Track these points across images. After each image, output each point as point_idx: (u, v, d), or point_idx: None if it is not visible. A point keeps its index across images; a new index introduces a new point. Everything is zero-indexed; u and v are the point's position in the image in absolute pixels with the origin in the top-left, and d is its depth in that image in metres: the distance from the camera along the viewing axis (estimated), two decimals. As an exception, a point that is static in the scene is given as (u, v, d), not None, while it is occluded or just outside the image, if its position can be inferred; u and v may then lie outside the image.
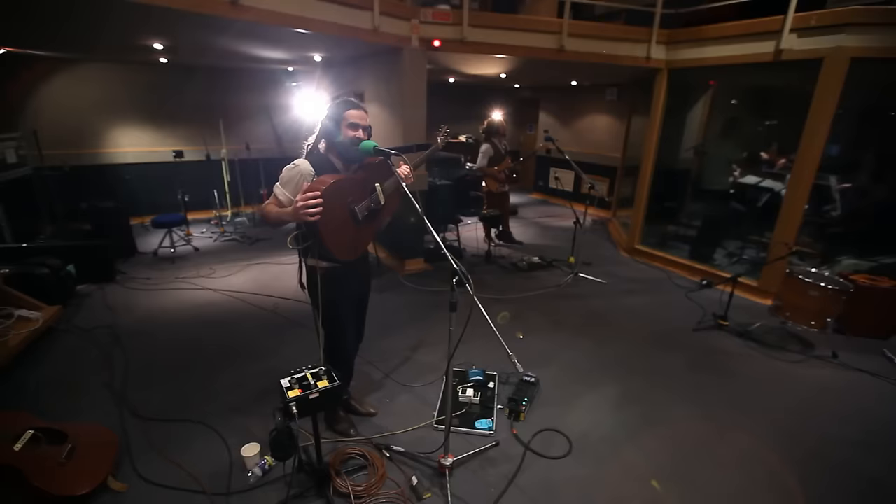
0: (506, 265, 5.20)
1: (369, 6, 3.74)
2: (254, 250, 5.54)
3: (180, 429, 2.48)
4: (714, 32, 4.48)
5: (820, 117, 3.82)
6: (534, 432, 2.51)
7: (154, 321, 3.72)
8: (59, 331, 3.47)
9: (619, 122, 7.49)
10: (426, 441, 2.44)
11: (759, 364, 3.26)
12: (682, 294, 4.49)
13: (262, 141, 7.33)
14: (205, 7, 2.81)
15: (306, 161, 1.95)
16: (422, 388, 2.89)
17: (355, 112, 1.97)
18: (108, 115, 6.29)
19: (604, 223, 7.39)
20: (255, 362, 3.13)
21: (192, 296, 4.21)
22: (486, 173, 5.47)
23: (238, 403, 2.70)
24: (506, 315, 3.80)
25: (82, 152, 6.21)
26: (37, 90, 5.79)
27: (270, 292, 4.26)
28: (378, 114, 5.03)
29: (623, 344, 3.50)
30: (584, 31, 4.62)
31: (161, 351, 3.27)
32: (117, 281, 4.48)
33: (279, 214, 1.88)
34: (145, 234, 5.96)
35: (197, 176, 6.54)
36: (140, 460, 2.23)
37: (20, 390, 2.79)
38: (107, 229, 5.04)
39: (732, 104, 6.11)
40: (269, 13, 3.14)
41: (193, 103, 6.66)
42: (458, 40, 4.26)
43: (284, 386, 1.80)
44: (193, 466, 2.20)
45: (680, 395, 2.87)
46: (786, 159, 5.49)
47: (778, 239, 4.12)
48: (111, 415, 2.58)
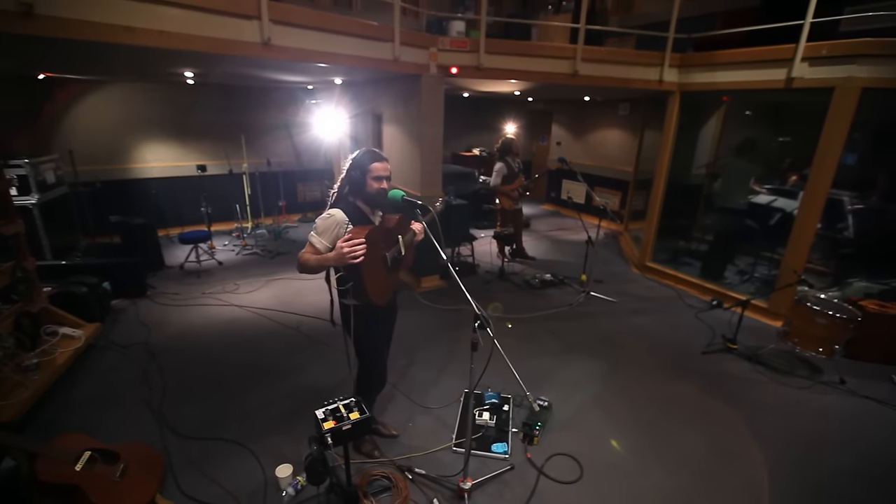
0: (519, 282, 5.33)
1: (390, 38, 3.91)
2: (275, 265, 5.74)
3: (216, 447, 2.67)
4: (726, 58, 4.57)
5: (831, 143, 3.88)
6: (547, 456, 2.65)
7: (184, 338, 3.92)
8: (98, 347, 3.69)
9: (632, 137, 7.58)
10: (445, 463, 2.59)
11: (766, 389, 3.35)
12: (692, 314, 4.58)
13: (282, 155, 7.56)
14: (239, 50, 3.00)
15: (339, 210, 2.10)
16: (440, 411, 3.04)
17: (379, 165, 2.12)
18: (135, 132, 6.55)
19: (615, 236, 7.47)
20: (283, 382, 3.31)
21: (218, 312, 4.41)
22: (500, 192, 5.60)
23: (269, 423, 2.88)
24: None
25: (111, 168, 6.48)
26: (70, 110, 6.06)
27: (293, 309, 4.44)
28: (395, 135, 5.20)
29: (633, 367, 3.62)
30: (597, 56, 4.74)
31: (193, 368, 3.47)
32: (148, 296, 4.71)
33: (319, 260, 2.02)
34: (171, 247, 6.20)
35: (219, 189, 6.79)
36: (182, 477, 2.42)
37: (67, 407, 3.00)
38: (137, 244, 5.28)
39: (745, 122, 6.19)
40: (299, 51, 3.33)
41: (216, 120, 6.90)
42: (475, 66, 4.41)
43: (319, 417, 1.97)
44: (231, 484, 2.38)
45: (688, 422, 2.98)
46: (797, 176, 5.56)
47: (789, 261, 4.19)
48: (152, 432, 2.78)
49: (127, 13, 2.50)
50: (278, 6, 3.12)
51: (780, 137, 6.09)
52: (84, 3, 2.36)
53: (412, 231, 2.32)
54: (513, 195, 5.64)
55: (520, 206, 5.85)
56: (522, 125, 9.66)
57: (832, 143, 3.88)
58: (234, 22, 2.93)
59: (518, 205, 5.79)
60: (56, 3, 2.26)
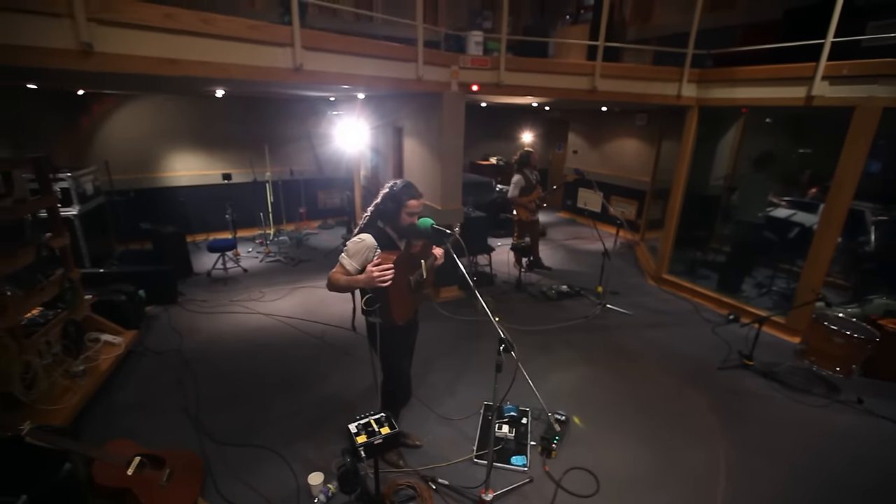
0: (535, 293, 5.41)
1: (413, 58, 4.04)
2: (297, 272, 5.93)
3: (250, 453, 2.82)
4: (745, 74, 4.60)
5: (851, 161, 3.89)
6: (564, 470, 2.74)
7: (215, 345, 4.11)
8: (136, 353, 3.89)
9: (649, 147, 7.60)
10: (466, 474, 2.70)
11: (782, 407, 3.39)
12: (709, 328, 4.61)
13: (304, 164, 7.77)
14: (273, 76, 3.16)
15: (369, 235, 2.24)
16: (461, 422, 3.16)
17: (415, 203, 2.26)
18: (165, 142, 6.81)
19: (631, 246, 7.50)
20: (309, 390, 3.46)
21: (245, 320, 4.60)
22: (517, 203, 5.70)
23: (297, 431, 3.03)
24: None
25: (142, 177, 6.75)
26: (105, 122, 6.34)
27: (317, 318, 4.61)
28: (416, 148, 5.34)
29: (649, 381, 3.69)
30: (615, 72, 4.80)
31: (223, 376, 3.64)
32: (179, 303, 4.92)
33: (349, 281, 2.16)
34: (197, 253, 6.43)
35: (243, 197, 7.03)
36: (221, 482, 2.58)
37: (110, 412, 3.20)
38: (168, 252, 5.52)
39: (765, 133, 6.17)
40: (328, 74, 3.49)
41: (241, 130, 7.14)
42: (495, 84, 4.52)
43: (353, 431, 2.10)
44: (266, 489, 2.54)
45: (703, 438, 3.04)
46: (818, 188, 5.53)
47: (807, 278, 4.21)
48: (190, 437, 2.95)
49: (171, 46, 2.67)
50: (309, 33, 3.27)
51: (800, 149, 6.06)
52: (134, 40, 2.53)
53: (433, 255, 2.48)
54: (530, 206, 5.73)
55: (536, 216, 5.94)
56: (539, 133, 9.73)
57: (853, 160, 3.89)
58: (268, 50, 3.09)
59: (535, 216, 5.88)
60: (110, 41, 2.44)
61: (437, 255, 2.47)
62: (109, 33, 2.41)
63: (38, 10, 2.19)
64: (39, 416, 2.82)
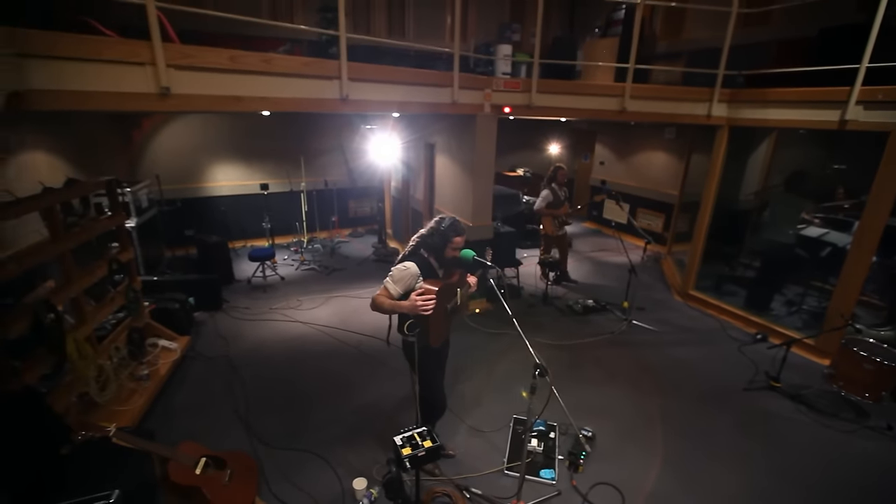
0: (561, 307, 5.54)
1: (449, 83, 4.24)
2: (332, 281, 6.21)
3: (296, 457, 3.07)
4: (777, 96, 4.62)
5: (886, 184, 3.88)
6: (591, 484, 2.88)
7: (259, 352, 4.39)
8: (189, 358, 4.21)
9: (677, 160, 7.60)
10: (497, 485, 2.88)
11: (809, 431, 3.43)
12: (735, 347, 4.65)
13: (337, 175, 8.08)
14: (322, 106, 3.42)
15: (413, 263, 2.44)
16: (491, 434, 3.33)
17: (460, 239, 2.47)
18: (209, 154, 7.21)
19: (657, 259, 7.51)
20: (349, 399, 3.70)
21: (285, 327, 4.88)
22: (543, 214, 5.82)
23: (339, 437, 3.26)
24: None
25: (187, 187, 7.15)
26: (154, 137, 6.77)
27: (352, 328, 4.85)
28: (448, 165, 5.54)
29: (674, 399, 3.78)
30: (645, 93, 4.90)
31: (269, 382, 3.91)
32: (223, 309, 5.25)
33: (393, 306, 2.37)
34: (236, 259, 6.79)
35: (279, 205, 7.39)
36: (273, 483, 2.82)
37: (169, 413, 3.50)
38: (212, 260, 5.88)
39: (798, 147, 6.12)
40: (371, 102, 3.73)
41: (280, 143, 7.49)
42: (526, 105, 4.68)
43: (398, 443, 2.30)
44: (314, 492, 2.77)
45: (727, 459, 3.13)
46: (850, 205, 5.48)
47: (838, 300, 4.21)
48: (242, 439, 3.21)
49: (236, 85, 2.94)
50: (353, 65, 3.49)
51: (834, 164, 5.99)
52: (204, 81, 2.81)
53: (468, 284, 2.67)
54: (559, 213, 5.83)
55: (564, 231, 6.05)
56: (566, 144, 9.80)
57: (888, 183, 3.88)
58: (319, 83, 3.34)
59: (561, 230, 5.99)
60: (184, 83, 2.71)
61: (472, 284, 2.68)
62: (184, 77, 2.69)
63: (124, 61, 2.48)
64: (111, 416, 3.13)
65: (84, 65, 2.33)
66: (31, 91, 2.17)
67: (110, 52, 2.39)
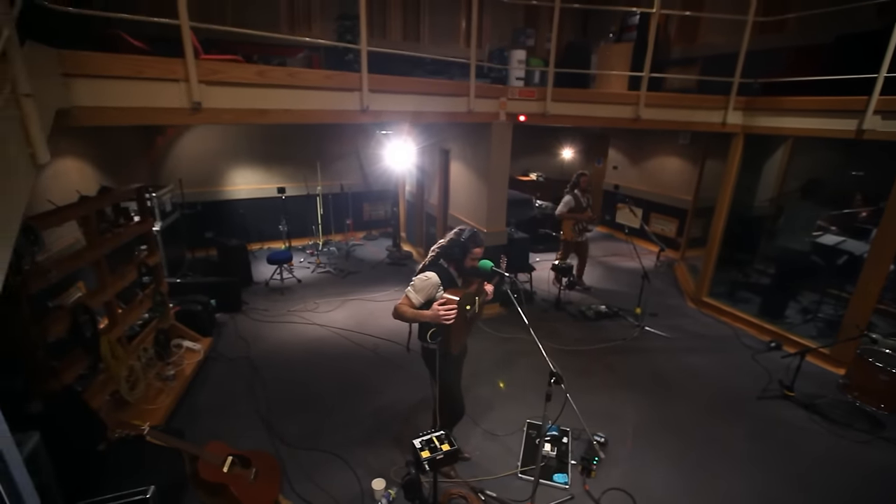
0: (574, 312, 5.58)
1: (466, 93, 4.32)
2: (347, 284, 6.33)
3: (317, 457, 3.17)
4: (793, 104, 4.61)
5: (902, 197, 3.88)
6: (603, 490, 2.94)
7: (278, 353, 4.52)
8: (211, 359, 4.35)
9: (691, 166, 7.58)
10: (511, 488, 2.95)
11: (822, 441, 3.44)
12: (749, 355, 4.65)
13: (352, 178, 8.22)
14: (344, 118, 3.53)
15: (434, 273, 2.53)
16: (505, 438, 3.40)
17: (479, 250, 2.56)
18: (228, 159, 7.39)
19: (670, 265, 7.50)
20: (366, 401, 3.80)
21: (303, 330, 5.01)
22: (565, 217, 5.86)
23: (357, 438, 3.36)
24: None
25: (206, 190, 7.34)
26: (176, 142, 6.96)
27: (369, 331, 4.96)
28: (462, 171, 5.62)
29: (686, 407, 3.81)
30: (659, 102, 4.92)
31: (288, 383, 4.03)
32: (243, 311, 5.40)
33: (415, 315, 2.46)
34: (254, 262, 6.94)
35: (296, 209, 7.55)
36: (295, 482, 2.93)
37: (193, 413, 3.62)
38: (232, 262, 6.04)
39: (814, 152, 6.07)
40: (391, 113, 3.83)
41: (297, 148, 7.65)
42: (541, 114, 4.73)
43: (417, 446, 2.39)
44: (334, 491, 2.87)
45: (739, 468, 3.16)
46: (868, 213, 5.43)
47: (854, 310, 4.19)
48: (263, 439, 3.33)
49: (262, 98, 3.06)
50: (373, 77, 3.59)
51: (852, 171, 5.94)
52: (232, 95, 2.93)
53: (485, 292, 2.76)
54: (582, 217, 5.86)
55: (584, 238, 6.08)
56: (579, 149, 9.82)
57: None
58: (340, 95, 3.44)
59: (581, 237, 6.02)
60: (214, 98, 2.84)
61: (489, 293, 2.77)
62: (214, 91, 2.81)
63: (161, 78, 2.61)
64: (140, 414, 3.27)
65: (125, 82, 2.46)
66: (77, 108, 2.31)
67: (149, 70, 2.52)
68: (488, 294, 2.78)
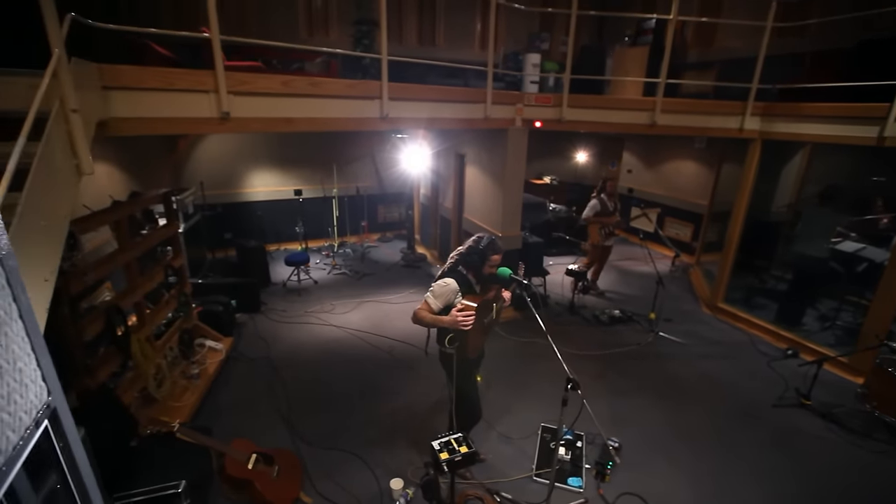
0: (588, 316, 5.60)
1: (482, 100, 4.38)
2: (362, 286, 6.43)
3: (336, 456, 3.26)
4: (812, 110, 4.58)
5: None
6: (617, 494, 2.98)
7: (297, 354, 4.63)
8: (232, 358, 4.47)
9: (708, 170, 7.53)
10: (526, 490, 3.01)
11: (840, 451, 3.42)
12: (765, 362, 4.63)
13: (367, 180, 8.34)
14: (364, 125, 3.62)
15: (453, 280, 2.59)
16: (520, 441, 3.45)
17: (497, 257, 2.61)
18: (247, 161, 7.55)
19: (685, 269, 7.46)
20: (382, 402, 3.88)
21: (320, 331, 5.11)
22: (591, 221, 5.87)
23: (375, 438, 3.44)
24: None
25: (226, 192, 7.51)
26: (197, 144, 7.14)
27: (384, 333, 5.05)
28: (478, 175, 5.68)
29: (701, 413, 3.81)
30: (676, 107, 4.92)
31: (307, 384, 4.13)
32: (262, 311, 5.53)
33: (434, 320, 2.53)
34: (271, 262, 7.07)
35: (312, 210, 7.69)
36: (315, 480, 3.02)
37: (216, 411, 3.74)
38: (251, 264, 6.18)
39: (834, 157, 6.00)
40: (408, 120, 3.91)
41: (314, 151, 7.78)
42: (557, 119, 4.78)
43: (436, 448, 2.46)
44: (353, 490, 2.95)
45: (754, 476, 3.17)
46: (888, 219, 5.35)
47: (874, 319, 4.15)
48: (283, 437, 3.43)
49: (287, 107, 3.16)
50: (393, 85, 3.67)
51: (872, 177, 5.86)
52: (259, 105, 3.03)
53: (503, 298, 2.80)
54: (609, 221, 5.87)
55: (611, 243, 6.08)
56: (594, 152, 9.80)
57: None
58: (361, 103, 3.53)
59: (609, 241, 6.02)
60: (241, 108, 2.94)
61: (506, 299, 2.81)
62: (242, 102, 2.91)
63: (192, 89, 2.72)
64: (168, 411, 3.39)
65: (158, 94, 2.57)
66: (115, 119, 2.43)
67: (180, 81, 2.63)
68: (506, 300, 2.83)
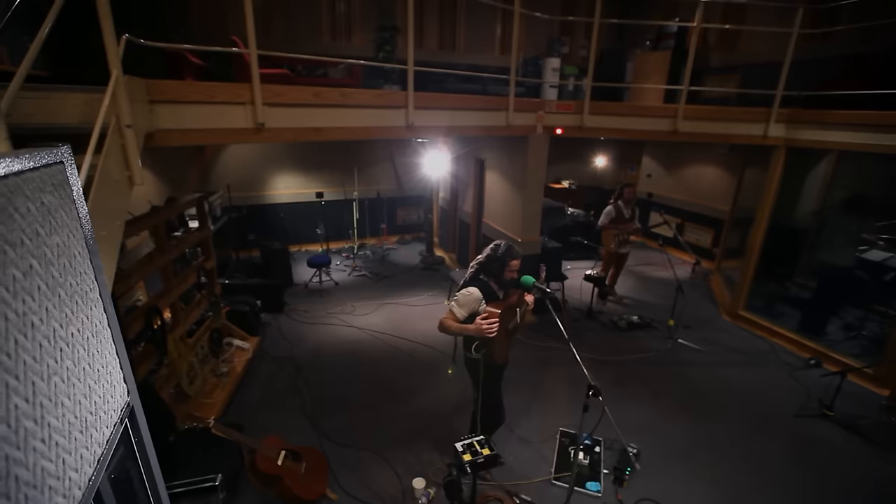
0: (605, 322, 5.62)
1: (504, 107, 4.45)
2: (382, 287, 6.55)
3: (361, 455, 3.36)
4: (839, 118, 4.52)
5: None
6: (635, 500, 3.01)
7: (320, 354, 4.76)
8: (258, 357, 4.62)
9: (730, 175, 7.45)
10: (544, 493, 3.07)
11: (863, 463, 3.39)
12: (787, 372, 4.59)
13: (387, 183, 8.47)
14: (390, 133, 3.72)
15: (476, 288, 2.67)
16: (539, 444, 3.51)
17: (516, 262, 2.68)
18: (271, 164, 7.75)
19: (706, 275, 7.39)
20: (405, 403, 3.98)
21: (342, 332, 5.24)
22: (606, 228, 5.85)
23: (396, 438, 3.54)
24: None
25: (250, 195, 7.72)
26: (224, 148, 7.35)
27: (404, 335, 5.15)
28: (498, 181, 5.75)
29: (720, 422, 3.81)
30: (698, 114, 4.91)
31: (330, 383, 4.25)
32: (285, 312, 5.68)
33: (460, 329, 2.61)
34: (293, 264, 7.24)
35: (333, 212, 7.85)
36: (341, 477, 3.13)
37: (244, 408, 3.88)
38: (275, 265, 6.36)
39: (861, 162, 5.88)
40: (432, 128, 4.00)
41: (335, 154, 7.95)
42: (578, 126, 4.81)
43: (459, 450, 2.54)
44: (377, 488, 3.05)
45: (774, 487, 3.17)
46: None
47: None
48: (308, 434, 3.55)
49: (318, 117, 3.28)
50: (418, 95, 3.77)
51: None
52: (291, 115, 3.16)
53: (526, 303, 2.86)
54: (625, 228, 5.85)
55: (627, 250, 6.06)
56: (613, 156, 9.78)
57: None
58: (387, 113, 3.64)
59: (625, 249, 6.00)
60: (275, 118, 3.07)
61: (529, 303, 2.85)
62: (275, 112, 3.04)
63: (230, 101, 2.85)
64: (200, 408, 3.54)
65: (200, 107, 2.71)
66: (160, 131, 2.57)
67: (220, 95, 2.77)
68: (529, 304, 2.88)
